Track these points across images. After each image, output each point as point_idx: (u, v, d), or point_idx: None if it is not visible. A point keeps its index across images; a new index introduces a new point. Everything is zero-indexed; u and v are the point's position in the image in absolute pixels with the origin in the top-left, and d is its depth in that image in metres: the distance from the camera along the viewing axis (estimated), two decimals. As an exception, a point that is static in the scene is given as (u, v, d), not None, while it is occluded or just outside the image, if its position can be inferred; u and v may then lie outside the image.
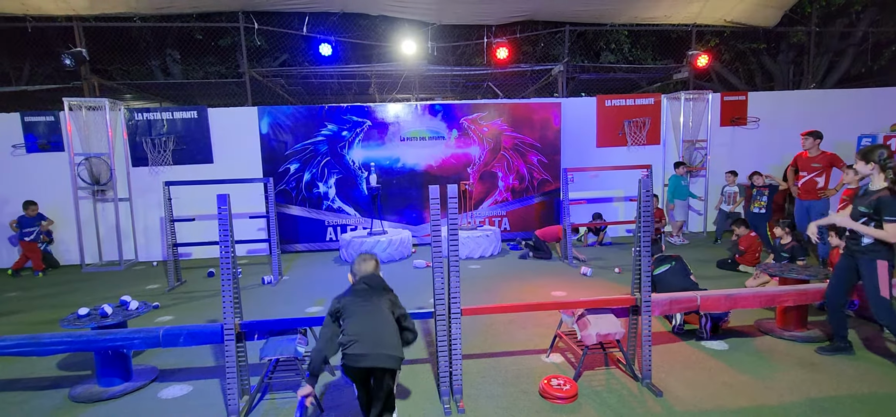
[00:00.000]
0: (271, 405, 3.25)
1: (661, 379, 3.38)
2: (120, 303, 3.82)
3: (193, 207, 7.66)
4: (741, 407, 3.02)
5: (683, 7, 9.38)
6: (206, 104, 8.54)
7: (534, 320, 4.57)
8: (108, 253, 8.26)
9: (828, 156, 6.07)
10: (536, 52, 12.54)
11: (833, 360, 3.61)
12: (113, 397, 3.40)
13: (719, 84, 13.45)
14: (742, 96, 9.37)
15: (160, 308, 5.47)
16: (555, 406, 3.10)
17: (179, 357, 4.02)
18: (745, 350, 3.85)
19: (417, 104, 8.75)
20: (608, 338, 3.38)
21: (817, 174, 6.11)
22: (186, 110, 8.30)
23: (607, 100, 9.14)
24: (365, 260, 2.85)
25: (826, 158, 6.06)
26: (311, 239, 8.62)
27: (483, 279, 6.36)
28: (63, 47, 8.45)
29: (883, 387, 3.21)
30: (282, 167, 8.41)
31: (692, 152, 9.08)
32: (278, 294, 5.99)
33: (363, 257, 2.88)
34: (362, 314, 2.66)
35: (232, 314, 3.09)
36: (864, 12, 11.67)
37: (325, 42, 9.20)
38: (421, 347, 4.13)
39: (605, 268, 6.68)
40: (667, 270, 4.43)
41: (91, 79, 8.66)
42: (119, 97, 10.64)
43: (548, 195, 8.96)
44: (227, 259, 3.06)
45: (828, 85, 12.25)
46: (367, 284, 2.76)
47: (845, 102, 9.40)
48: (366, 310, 2.68)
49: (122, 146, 8.16)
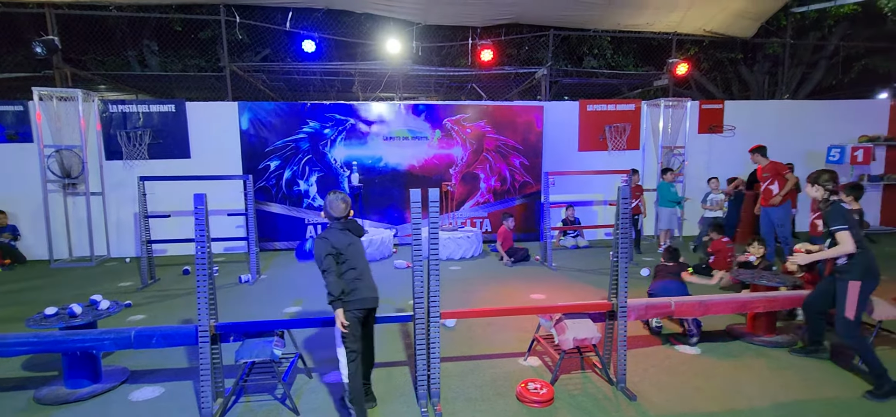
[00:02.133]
0: (246, 408, 3.20)
1: (635, 383, 3.44)
2: (90, 302, 3.71)
3: (170, 203, 7.49)
4: (712, 411, 3.09)
5: (665, 16, 9.55)
6: (184, 98, 8.36)
7: (512, 323, 4.60)
8: (78, 249, 8.02)
9: (773, 165, 6.57)
10: (520, 55, 12.61)
11: (801, 364, 3.73)
12: (80, 399, 3.31)
13: (698, 92, 13.74)
14: (719, 105, 9.60)
15: (132, 306, 5.34)
16: (531, 409, 3.13)
17: (151, 358, 3.93)
18: (717, 355, 3.95)
19: (401, 104, 8.72)
20: (585, 343, 3.42)
21: (770, 183, 6.56)
22: (164, 103, 8.10)
23: (589, 104, 9.25)
24: (341, 199, 3.00)
25: (772, 167, 6.57)
26: (290, 238, 8.51)
27: (463, 280, 6.37)
28: (34, 34, 8.16)
29: (847, 392, 3.32)
30: (262, 164, 8.29)
31: (670, 158, 9.26)
32: (256, 293, 5.90)
33: (338, 196, 3.01)
34: (358, 257, 2.99)
35: (207, 315, 3.04)
36: (835, 26, 12.07)
37: (308, 38, 9.08)
38: (399, 349, 4.12)
39: (584, 272, 6.77)
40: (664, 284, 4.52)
41: (63, 68, 8.38)
42: (93, 88, 10.30)
43: (529, 197, 9.03)
44: (203, 259, 3.00)
45: (801, 96, 12.64)
46: (350, 229, 3.04)
47: (817, 113, 9.70)
48: (358, 252, 3.00)
49: (95, 139, 7.93)
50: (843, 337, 3.42)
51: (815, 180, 3.52)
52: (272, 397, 3.32)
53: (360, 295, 2.92)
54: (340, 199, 3.00)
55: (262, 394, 3.36)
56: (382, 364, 3.82)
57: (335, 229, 2.97)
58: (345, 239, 2.95)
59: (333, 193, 3.03)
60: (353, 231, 3.05)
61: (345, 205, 3.00)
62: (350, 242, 2.97)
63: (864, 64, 12.53)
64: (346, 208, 3.00)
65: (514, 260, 7.27)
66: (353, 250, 2.97)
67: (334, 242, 2.88)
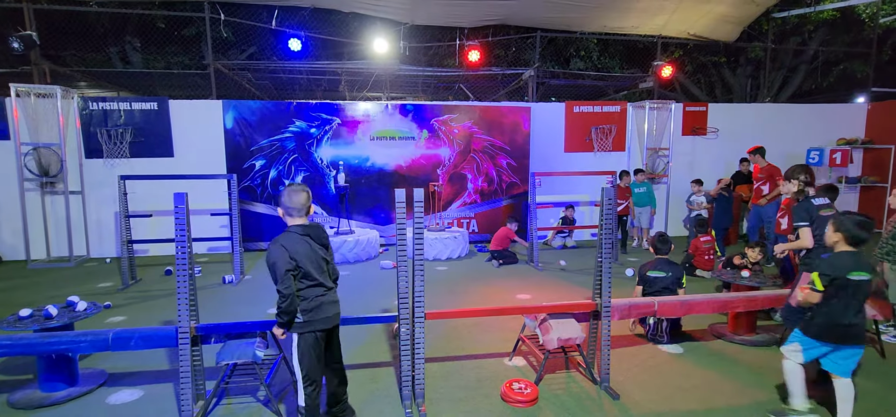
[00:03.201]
0: (227, 410, 3.16)
1: (618, 383, 3.47)
2: (67, 303, 3.63)
3: (152, 202, 7.36)
4: (693, 410, 3.13)
5: (650, 19, 9.67)
6: (167, 95, 8.21)
7: (498, 323, 4.62)
8: (56, 249, 7.84)
9: (769, 168, 6.99)
10: (508, 57, 12.67)
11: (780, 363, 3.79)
12: (57, 403, 3.23)
13: (682, 94, 13.95)
14: (703, 107, 9.74)
15: (112, 308, 5.23)
16: (516, 409, 3.14)
17: (130, 361, 3.86)
18: (699, 354, 4.00)
19: (388, 103, 8.69)
20: (569, 343, 3.45)
21: (762, 183, 7.00)
22: (146, 101, 7.96)
23: (575, 106, 9.32)
24: (301, 189, 2.64)
25: (768, 169, 6.99)
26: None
27: (449, 281, 6.37)
28: (11, 29, 7.96)
29: (824, 391, 3.39)
30: (247, 163, 8.19)
31: (655, 160, 9.37)
32: (239, 294, 5.83)
33: (295, 189, 2.63)
34: (319, 269, 2.63)
35: (187, 316, 2.99)
36: (815, 32, 12.35)
37: (294, 37, 9.00)
38: (383, 350, 4.10)
39: (570, 272, 6.81)
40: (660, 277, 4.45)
41: (42, 64, 8.19)
42: (73, 85, 10.10)
43: (516, 198, 9.06)
44: (184, 259, 2.95)
45: (782, 99, 12.90)
46: (311, 235, 2.64)
47: (797, 116, 9.90)
48: (319, 263, 2.64)
49: (74, 136, 7.76)
50: (784, 320, 3.51)
51: (791, 176, 3.62)
52: (254, 399, 3.28)
53: (324, 314, 2.58)
54: (301, 190, 2.62)
55: (245, 396, 3.31)
56: (367, 365, 3.80)
57: (295, 236, 2.57)
58: (303, 248, 2.55)
59: (291, 184, 2.68)
60: (314, 237, 2.63)
61: (306, 197, 2.63)
62: (310, 252, 2.58)
63: (843, 68, 12.84)
64: (307, 201, 2.63)
65: (503, 262, 7.27)
66: (315, 261, 2.59)
67: (293, 254, 2.50)
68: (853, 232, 2.77)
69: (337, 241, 7.33)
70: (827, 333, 2.80)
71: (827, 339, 2.81)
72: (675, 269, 4.42)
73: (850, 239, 2.79)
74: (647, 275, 4.42)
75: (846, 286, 2.72)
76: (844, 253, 2.81)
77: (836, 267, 2.75)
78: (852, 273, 2.72)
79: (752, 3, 9.34)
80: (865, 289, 2.77)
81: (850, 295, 2.73)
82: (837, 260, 2.79)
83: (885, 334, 4.20)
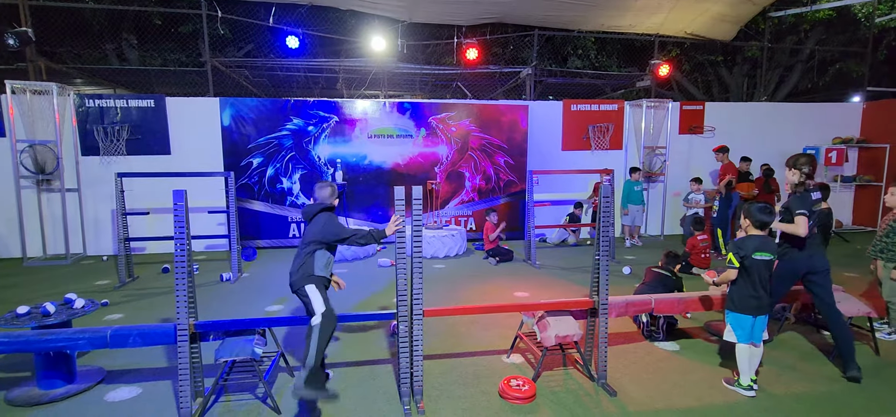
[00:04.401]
0: (226, 407, 3.16)
1: (615, 379, 3.49)
2: (64, 301, 3.62)
3: (149, 200, 7.35)
4: (690, 407, 3.16)
5: (647, 17, 9.69)
6: (164, 93, 8.19)
7: (495, 321, 4.63)
8: (53, 247, 7.81)
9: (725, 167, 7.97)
10: (506, 55, 12.68)
11: (776, 359, 3.82)
12: (54, 400, 3.23)
13: (679, 93, 13.99)
14: (699, 106, 9.77)
15: (110, 305, 5.23)
16: (513, 406, 3.15)
17: (129, 358, 3.86)
18: (695, 351, 4.03)
19: (386, 101, 8.69)
20: (567, 340, 3.46)
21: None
22: (143, 98, 7.93)
23: (573, 104, 9.34)
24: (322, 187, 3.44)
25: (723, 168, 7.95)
26: (273, 236, 8.42)
27: (447, 279, 6.39)
28: (7, 26, 7.91)
29: (819, 386, 3.43)
30: (244, 161, 8.18)
31: (652, 158, 9.40)
32: (237, 291, 5.82)
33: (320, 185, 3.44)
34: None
35: (186, 313, 2.99)
36: (811, 31, 12.40)
37: (292, 34, 8.99)
38: (382, 347, 4.11)
39: (567, 270, 6.84)
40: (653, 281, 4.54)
41: (38, 61, 8.14)
42: (69, 82, 10.04)
43: (514, 196, 9.08)
44: (183, 256, 2.95)
45: (778, 98, 12.96)
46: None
47: (793, 115, 9.95)
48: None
49: (70, 134, 7.73)
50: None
51: (793, 164, 3.65)
52: (253, 396, 3.29)
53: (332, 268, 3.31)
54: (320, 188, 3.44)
55: (243, 393, 3.32)
56: (366, 362, 3.81)
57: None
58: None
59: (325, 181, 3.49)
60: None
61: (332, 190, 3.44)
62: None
63: (839, 68, 12.91)
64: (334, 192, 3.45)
65: (500, 260, 7.30)
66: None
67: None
68: (758, 218, 3.32)
69: (335, 239, 7.33)
70: (744, 305, 3.30)
71: (745, 310, 3.29)
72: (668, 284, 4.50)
73: (756, 223, 3.33)
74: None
75: (753, 264, 3.24)
76: (753, 236, 3.33)
77: (745, 248, 3.28)
78: (757, 252, 3.25)
79: (749, 3, 9.38)
80: (770, 268, 3.30)
81: (757, 271, 3.24)
82: (747, 241, 3.32)
83: (879, 332, 4.24)
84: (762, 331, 3.34)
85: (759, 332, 3.32)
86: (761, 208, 3.34)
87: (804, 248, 3.55)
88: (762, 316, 3.31)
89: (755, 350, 3.34)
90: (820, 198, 3.69)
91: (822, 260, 3.56)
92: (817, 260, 3.55)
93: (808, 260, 3.56)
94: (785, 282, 3.71)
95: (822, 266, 3.55)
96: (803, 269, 3.59)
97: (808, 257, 3.56)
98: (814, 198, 3.59)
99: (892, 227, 4.13)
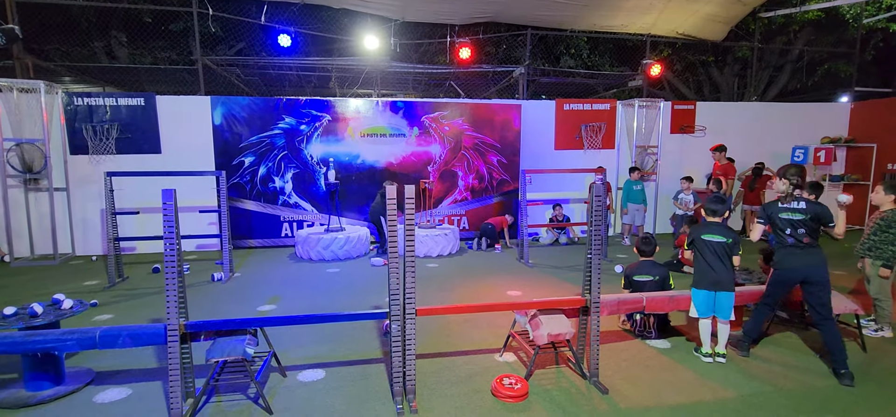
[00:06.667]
0: (217, 408, 3.14)
1: (607, 377, 3.51)
2: (52, 301, 3.58)
3: (139, 199, 7.27)
4: (680, 404, 3.18)
5: (639, 17, 9.75)
6: (154, 91, 8.11)
7: (488, 320, 4.64)
8: (40, 247, 7.71)
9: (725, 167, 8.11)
10: (498, 54, 12.69)
11: (766, 355, 3.86)
12: (42, 401, 3.19)
13: (671, 93, 14.09)
14: (691, 105, 9.85)
15: (99, 305, 5.17)
16: (506, 404, 3.16)
17: (118, 359, 3.82)
18: (686, 349, 4.06)
19: (379, 100, 8.67)
20: (559, 338, 3.48)
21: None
22: (132, 96, 7.85)
23: (566, 103, 9.37)
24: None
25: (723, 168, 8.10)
26: (265, 235, 8.37)
27: (440, 277, 6.39)
28: (-7, 23, 7.80)
29: (807, 383, 3.47)
30: (236, 160, 8.12)
31: (644, 157, 9.46)
32: (229, 291, 5.78)
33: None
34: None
35: (176, 313, 2.97)
36: (801, 32, 12.54)
37: (284, 32, 8.93)
38: (374, 347, 4.10)
39: (559, 268, 6.86)
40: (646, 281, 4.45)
41: (25, 58, 8.03)
42: (57, 79, 9.91)
43: (506, 195, 9.10)
44: (172, 255, 2.93)
45: (768, 98, 13.09)
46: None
47: (782, 115, 10.06)
48: None
49: (58, 132, 7.63)
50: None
51: (783, 174, 3.71)
52: (245, 396, 3.27)
53: None
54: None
55: (235, 394, 3.30)
56: (358, 361, 3.80)
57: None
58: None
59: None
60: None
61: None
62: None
63: (827, 68, 13.06)
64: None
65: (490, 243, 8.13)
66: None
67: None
68: (708, 207, 3.93)
69: (327, 239, 7.31)
70: (701, 281, 3.78)
71: (703, 286, 3.76)
72: (660, 271, 4.44)
73: (708, 211, 3.92)
74: (632, 279, 4.44)
75: (704, 245, 3.77)
76: (704, 222, 3.95)
77: (696, 232, 3.88)
78: (705, 235, 3.79)
79: (740, 3, 9.46)
80: (721, 249, 3.72)
81: (709, 252, 3.74)
82: (698, 227, 3.92)
83: (866, 328, 4.30)
84: (729, 309, 3.72)
85: (723, 309, 3.72)
86: (714, 198, 3.91)
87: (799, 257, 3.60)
88: (723, 292, 3.70)
89: (722, 326, 3.79)
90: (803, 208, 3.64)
91: (818, 272, 3.56)
92: (814, 270, 3.56)
93: (804, 270, 3.59)
94: (777, 288, 3.81)
95: (817, 277, 3.56)
96: (798, 278, 3.64)
97: (805, 267, 3.59)
98: (794, 206, 3.61)
99: (879, 225, 4.19)
